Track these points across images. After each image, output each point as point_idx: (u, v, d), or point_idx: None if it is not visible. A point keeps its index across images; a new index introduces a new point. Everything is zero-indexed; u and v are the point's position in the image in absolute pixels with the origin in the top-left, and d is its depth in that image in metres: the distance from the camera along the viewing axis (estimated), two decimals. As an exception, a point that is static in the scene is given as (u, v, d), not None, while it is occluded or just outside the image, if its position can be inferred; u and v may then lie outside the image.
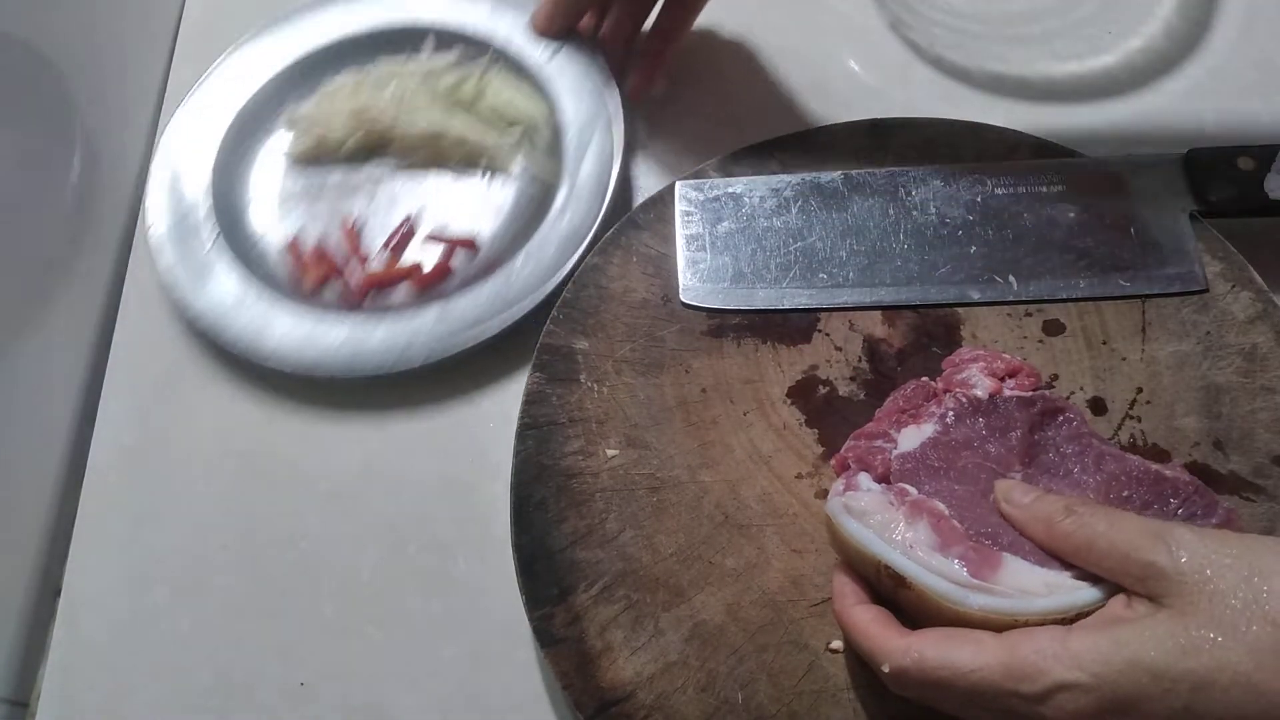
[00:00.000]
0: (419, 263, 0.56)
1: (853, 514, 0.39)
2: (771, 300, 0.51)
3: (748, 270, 0.52)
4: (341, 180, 0.60)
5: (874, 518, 0.39)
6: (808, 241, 0.52)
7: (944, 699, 0.35)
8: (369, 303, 0.55)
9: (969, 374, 0.44)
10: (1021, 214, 0.52)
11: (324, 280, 0.56)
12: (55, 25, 0.59)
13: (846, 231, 0.53)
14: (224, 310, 0.54)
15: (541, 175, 0.58)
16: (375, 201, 0.59)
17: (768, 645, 0.43)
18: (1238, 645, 0.31)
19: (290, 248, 0.58)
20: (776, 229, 0.53)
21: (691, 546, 0.46)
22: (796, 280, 0.51)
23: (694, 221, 0.54)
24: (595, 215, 0.54)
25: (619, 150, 0.56)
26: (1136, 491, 0.40)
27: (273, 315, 0.54)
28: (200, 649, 0.48)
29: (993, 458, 0.42)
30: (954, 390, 0.44)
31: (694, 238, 0.53)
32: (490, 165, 0.59)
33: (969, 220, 0.52)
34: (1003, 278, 0.50)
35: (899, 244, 0.52)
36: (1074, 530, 0.36)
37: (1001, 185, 0.53)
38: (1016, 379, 0.44)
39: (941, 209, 0.53)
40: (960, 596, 0.36)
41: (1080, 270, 0.50)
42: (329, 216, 0.58)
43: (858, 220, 0.53)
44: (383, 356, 0.52)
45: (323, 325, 0.54)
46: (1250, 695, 0.30)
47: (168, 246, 0.57)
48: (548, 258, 0.54)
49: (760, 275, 0.52)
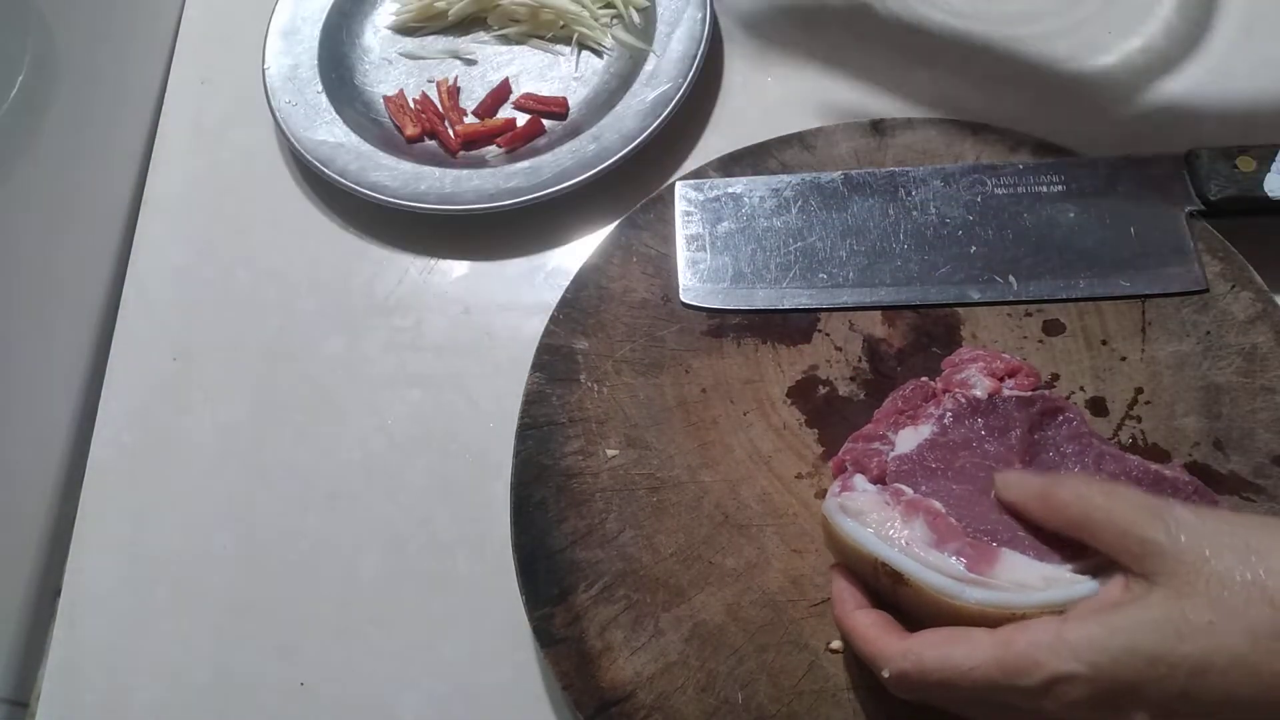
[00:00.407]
0: (513, 118, 0.61)
1: (849, 514, 0.39)
2: (771, 300, 0.51)
3: (748, 270, 0.52)
4: (441, 48, 0.65)
5: (870, 517, 0.39)
6: (808, 241, 0.52)
7: (947, 700, 0.35)
8: (463, 157, 0.60)
9: (968, 374, 0.44)
10: (1021, 214, 0.52)
11: (423, 132, 0.61)
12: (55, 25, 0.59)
13: (846, 232, 0.53)
14: (331, 149, 0.60)
15: (631, 50, 0.62)
16: (472, 68, 0.65)
17: (768, 645, 0.43)
18: (1236, 627, 0.30)
19: (392, 100, 0.63)
20: (776, 229, 0.53)
21: (691, 546, 0.46)
22: (796, 280, 0.51)
23: (694, 221, 0.54)
24: (679, 89, 0.58)
25: (707, 30, 0.60)
26: None
27: (376, 158, 0.59)
28: (200, 649, 0.48)
29: (991, 456, 0.42)
30: (953, 390, 0.44)
31: (694, 238, 0.53)
32: (584, 39, 0.64)
33: (969, 220, 0.52)
34: (1002, 278, 0.50)
35: (899, 244, 0.52)
36: (1071, 501, 0.36)
37: (1001, 185, 0.53)
38: (1016, 379, 0.44)
39: (941, 209, 0.53)
40: (957, 591, 0.36)
41: (1080, 270, 0.50)
42: (429, 79, 0.64)
43: (858, 220, 0.53)
44: (475, 197, 0.57)
45: (420, 171, 0.59)
46: (1249, 677, 0.30)
47: (281, 89, 0.63)
48: (630, 126, 0.58)
49: (760, 275, 0.52)
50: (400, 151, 0.60)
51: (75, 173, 0.60)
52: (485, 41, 0.65)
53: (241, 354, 0.56)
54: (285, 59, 0.64)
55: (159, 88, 0.68)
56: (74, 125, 0.60)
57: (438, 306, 0.56)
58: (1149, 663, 0.31)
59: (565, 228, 0.58)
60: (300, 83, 0.63)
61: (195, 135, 0.66)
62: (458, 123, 0.61)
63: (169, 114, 0.67)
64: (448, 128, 0.61)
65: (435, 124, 0.61)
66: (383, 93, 0.64)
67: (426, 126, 0.61)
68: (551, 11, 0.63)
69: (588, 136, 0.58)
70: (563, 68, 0.64)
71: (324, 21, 0.65)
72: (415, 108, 0.62)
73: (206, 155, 0.65)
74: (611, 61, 0.63)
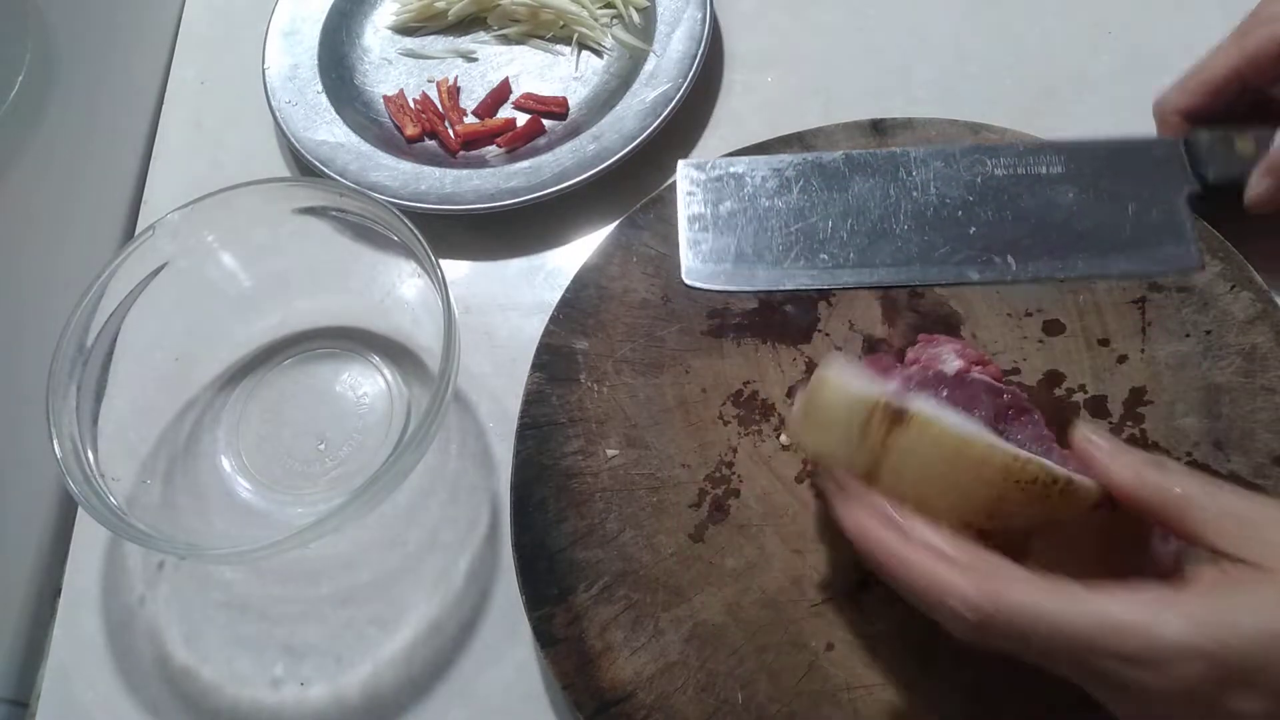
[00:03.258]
0: (513, 118, 0.61)
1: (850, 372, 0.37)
2: (773, 281, 0.51)
3: (749, 251, 0.52)
4: (440, 48, 0.66)
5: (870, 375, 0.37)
6: (809, 222, 0.53)
7: (1021, 650, 0.32)
8: (463, 157, 0.60)
9: (941, 351, 0.43)
10: (1021, 195, 0.52)
11: (423, 132, 0.61)
12: (55, 25, 0.59)
13: (848, 212, 0.53)
14: (331, 149, 0.60)
15: (631, 50, 0.62)
16: (472, 68, 0.65)
17: (768, 645, 0.43)
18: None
19: (392, 99, 0.63)
20: (779, 209, 0.53)
21: (691, 546, 0.46)
22: (798, 261, 0.52)
23: (696, 201, 0.54)
24: (679, 89, 0.58)
25: (707, 30, 0.60)
26: None
27: (376, 158, 0.59)
28: (200, 649, 0.48)
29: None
30: (921, 362, 0.42)
31: (696, 218, 0.54)
32: (584, 39, 0.64)
33: (969, 201, 0.52)
34: (1001, 258, 0.50)
35: (899, 225, 0.52)
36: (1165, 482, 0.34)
37: (1001, 166, 0.53)
38: (988, 369, 0.43)
39: (942, 190, 0.53)
40: (965, 426, 0.33)
41: (1079, 251, 0.50)
42: (429, 79, 0.64)
43: (859, 201, 0.53)
44: (475, 197, 0.57)
45: (420, 171, 0.58)
46: None
47: (281, 89, 0.62)
48: (630, 126, 0.58)
49: (761, 256, 0.52)
50: (400, 151, 0.60)
51: (75, 173, 0.59)
52: (485, 41, 0.65)
53: (241, 353, 0.56)
54: (285, 59, 0.64)
55: (159, 88, 0.68)
56: (74, 125, 0.60)
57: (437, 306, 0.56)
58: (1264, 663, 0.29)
59: (565, 228, 0.58)
60: (300, 83, 0.63)
61: (195, 135, 0.66)
62: (458, 123, 0.61)
63: (169, 114, 0.67)
64: (448, 128, 0.61)
65: (435, 124, 0.61)
66: (383, 93, 0.64)
67: (426, 126, 0.62)
68: (551, 11, 0.63)
69: (588, 136, 0.58)
70: (563, 68, 0.64)
71: (324, 21, 0.66)
72: (415, 108, 0.62)
73: (206, 155, 0.65)
74: (611, 61, 0.63)
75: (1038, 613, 0.31)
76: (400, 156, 0.59)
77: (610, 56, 0.63)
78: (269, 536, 0.42)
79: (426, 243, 0.47)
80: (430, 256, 0.47)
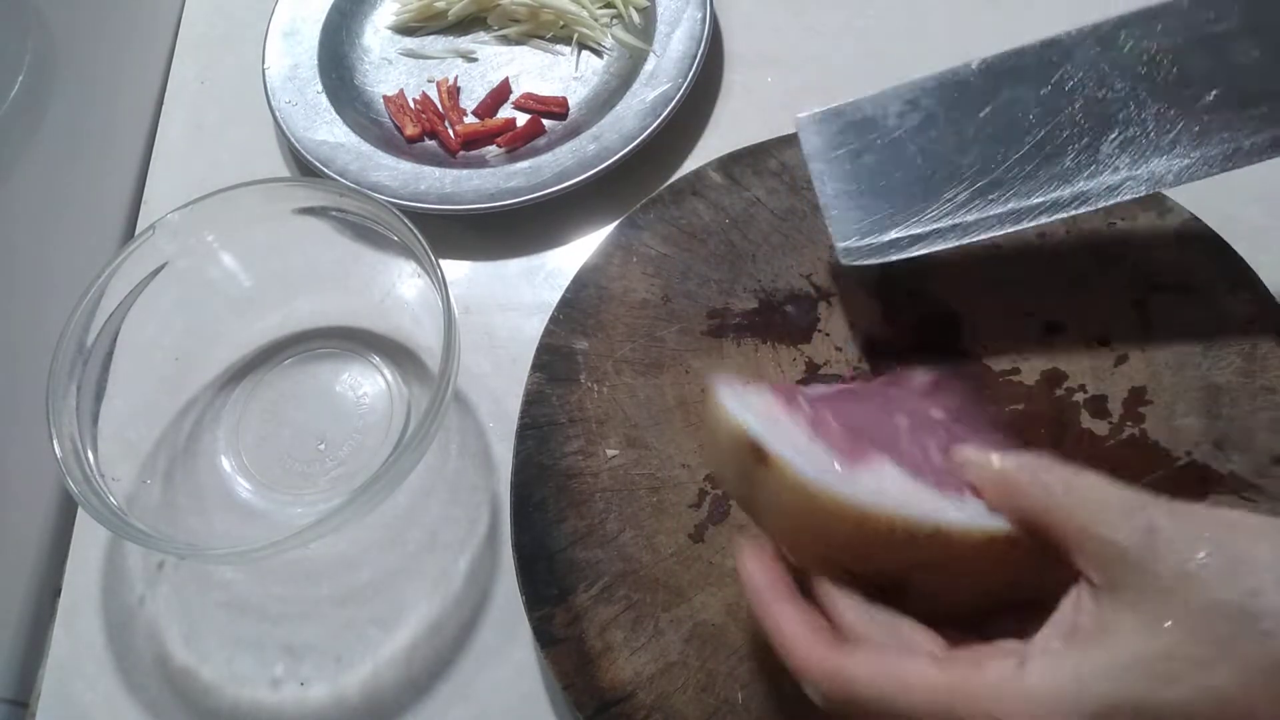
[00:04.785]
0: (513, 118, 0.61)
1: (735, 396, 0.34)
2: (948, 238, 0.45)
3: (906, 209, 0.46)
4: (440, 48, 0.66)
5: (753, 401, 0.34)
6: (968, 155, 0.45)
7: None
8: (463, 157, 0.60)
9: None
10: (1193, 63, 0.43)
11: (423, 132, 0.62)
12: (55, 25, 0.59)
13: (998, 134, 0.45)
14: (331, 149, 0.60)
15: (631, 50, 0.62)
16: (472, 68, 0.65)
17: (768, 645, 0.43)
18: (1225, 665, 0.26)
19: (392, 99, 0.63)
20: (926, 149, 0.46)
21: (691, 547, 0.46)
22: (965, 206, 0.45)
23: (829, 174, 0.48)
24: (679, 89, 0.58)
25: (707, 30, 0.60)
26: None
27: (376, 158, 0.59)
28: (200, 649, 0.48)
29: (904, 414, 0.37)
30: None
31: (838, 193, 0.47)
32: (584, 39, 0.64)
33: (1133, 92, 0.44)
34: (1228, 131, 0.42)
35: (1061, 135, 0.45)
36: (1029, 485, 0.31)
37: (1166, 34, 0.44)
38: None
39: (1105, 77, 0.45)
40: (815, 475, 0.31)
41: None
42: (429, 79, 0.65)
43: (1010, 116, 0.45)
44: (475, 197, 0.57)
45: (420, 171, 0.58)
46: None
47: (281, 89, 0.63)
48: (630, 126, 0.58)
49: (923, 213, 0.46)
50: (400, 151, 0.60)
51: (75, 173, 0.60)
52: (485, 41, 0.66)
53: (241, 353, 0.56)
54: (285, 59, 0.64)
55: (159, 88, 0.68)
56: (74, 125, 0.60)
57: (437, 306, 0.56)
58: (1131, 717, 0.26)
59: (565, 228, 0.58)
60: (300, 83, 0.63)
61: (195, 135, 0.66)
62: (458, 122, 0.61)
63: (169, 114, 0.67)
64: (448, 128, 0.61)
65: (435, 124, 0.61)
66: (383, 93, 0.64)
67: (426, 126, 0.62)
68: (551, 11, 0.63)
69: (588, 136, 0.58)
70: (563, 68, 0.64)
71: (324, 21, 0.66)
72: (415, 107, 0.63)
73: (206, 155, 0.65)
74: (611, 61, 0.63)
75: (879, 695, 0.30)
76: (400, 156, 0.59)
77: (610, 56, 0.63)
78: (269, 536, 0.42)
79: (426, 243, 0.47)
80: (430, 256, 0.47)
